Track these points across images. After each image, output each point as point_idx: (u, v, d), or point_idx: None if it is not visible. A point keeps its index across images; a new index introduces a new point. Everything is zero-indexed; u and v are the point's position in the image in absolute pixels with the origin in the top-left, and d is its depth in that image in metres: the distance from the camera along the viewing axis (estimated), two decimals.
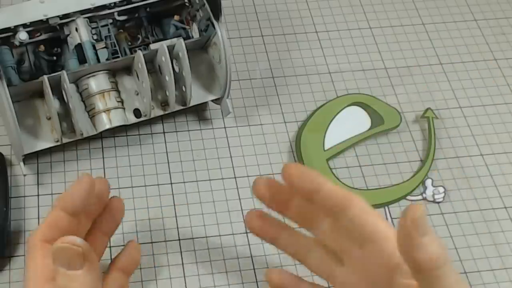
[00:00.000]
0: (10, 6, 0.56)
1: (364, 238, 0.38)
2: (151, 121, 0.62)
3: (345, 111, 0.64)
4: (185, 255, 0.55)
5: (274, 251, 0.56)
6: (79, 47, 0.58)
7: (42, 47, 0.59)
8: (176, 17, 0.62)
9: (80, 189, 0.40)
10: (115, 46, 0.59)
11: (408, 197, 0.60)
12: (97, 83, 0.57)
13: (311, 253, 0.43)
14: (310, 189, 0.40)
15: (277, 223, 0.45)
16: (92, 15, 0.58)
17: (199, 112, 0.64)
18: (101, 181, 0.43)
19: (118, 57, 0.58)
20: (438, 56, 0.70)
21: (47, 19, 0.56)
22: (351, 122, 0.64)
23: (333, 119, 0.64)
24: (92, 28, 0.59)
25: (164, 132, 0.63)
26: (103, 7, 0.58)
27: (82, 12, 0.58)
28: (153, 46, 0.60)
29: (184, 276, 0.54)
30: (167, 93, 0.58)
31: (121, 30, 0.61)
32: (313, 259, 0.43)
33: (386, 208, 0.59)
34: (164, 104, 0.60)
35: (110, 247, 0.55)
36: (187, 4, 0.61)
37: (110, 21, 0.60)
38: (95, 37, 0.59)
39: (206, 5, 0.58)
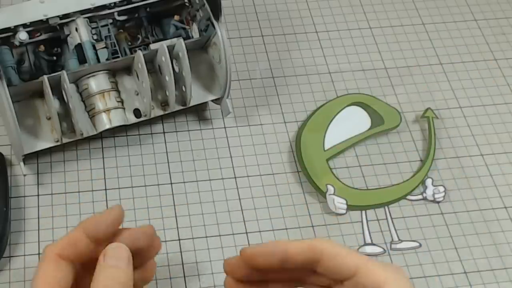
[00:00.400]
0: (10, 6, 0.56)
1: (343, 277, 0.39)
2: (151, 121, 0.62)
3: (345, 111, 0.64)
4: (185, 255, 0.55)
5: None
6: (79, 47, 0.58)
7: (42, 47, 0.59)
8: (176, 17, 0.62)
9: (106, 219, 0.41)
10: (115, 46, 0.59)
11: (408, 197, 0.60)
12: (97, 83, 0.57)
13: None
14: (276, 262, 0.40)
15: (259, 278, 0.44)
16: (92, 15, 0.58)
17: (199, 112, 0.64)
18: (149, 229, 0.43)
19: (118, 57, 0.58)
20: (438, 56, 0.70)
21: (47, 19, 0.56)
22: (351, 122, 0.64)
23: (333, 119, 0.64)
24: (92, 28, 0.59)
25: (164, 132, 0.63)
26: (103, 7, 0.58)
27: (82, 12, 0.58)
28: (153, 46, 0.60)
29: (184, 276, 0.54)
30: (167, 93, 0.58)
31: (121, 30, 0.61)
32: None
33: (386, 208, 0.59)
34: (164, 104, 0.60)
35: None
36: (187, 4, 0.61)
37: (110, 21, 0.60)
38: (95, 37, 0.59)
39: (206, 5, 0.58)
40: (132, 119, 0.59)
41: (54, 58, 0.59)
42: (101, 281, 0.38)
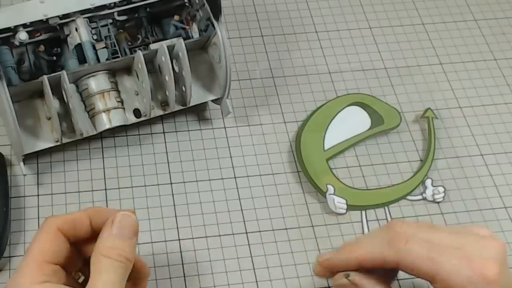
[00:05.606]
0: (10, 6, 0.56)
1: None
2: (151, 121, 0.62)
3: (345, 111, 0.64)
4: (185, 255, 0.55)
5: (274, 251, 0.56)
6: (79, 47, 0.58)
7: (42, 47, 0.59)
8: (176, 17, 0.62)
9: (112, 213, 0.42)
10: (115, 46, 0.59)
11: (408, 197, 0.60)
12: (97, 83, 0.57)
13: None
14: (354, 267, 0.42)
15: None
16: (92, 15, 0.58)
17: (199, 112, 0.64)
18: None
19: (118, 57, 0.58)
20: (438, 56, 0.70)
21: (47, 19, 0.56)
22: (351, 122, 0.64)
23: (333, 119, 0.64)
24: (92, 28, 0.59)
25: (164, 132, 0.63)
26: (103, 7, 0.58)
27: (82, 12, 0.58)
28: (153, 46, 0.60)
29: (184, 276, 0.54)
30: (167, 93, 0.58)
31: (121, 30, 0.61)
32: None
33: (386, 208, 0.59)
34: (164, 104, 0.60)
35: None
36: (187, 4, 0.61)
37: (110, 21, 0.60)
38: (95, 37, 0.59)
39: (206, 5, 0.58)
40: (132, 119, 0.59)
41: (54, 58, 0.59)
42: (101, 249, 0.39)
